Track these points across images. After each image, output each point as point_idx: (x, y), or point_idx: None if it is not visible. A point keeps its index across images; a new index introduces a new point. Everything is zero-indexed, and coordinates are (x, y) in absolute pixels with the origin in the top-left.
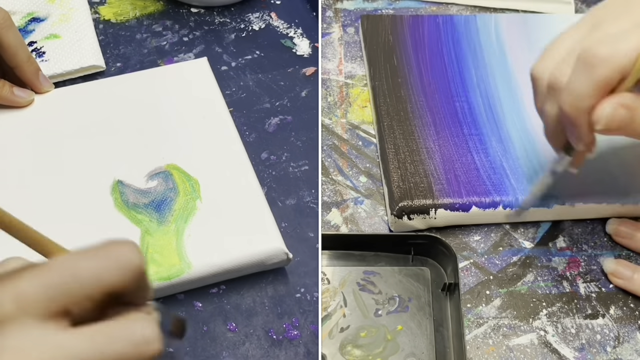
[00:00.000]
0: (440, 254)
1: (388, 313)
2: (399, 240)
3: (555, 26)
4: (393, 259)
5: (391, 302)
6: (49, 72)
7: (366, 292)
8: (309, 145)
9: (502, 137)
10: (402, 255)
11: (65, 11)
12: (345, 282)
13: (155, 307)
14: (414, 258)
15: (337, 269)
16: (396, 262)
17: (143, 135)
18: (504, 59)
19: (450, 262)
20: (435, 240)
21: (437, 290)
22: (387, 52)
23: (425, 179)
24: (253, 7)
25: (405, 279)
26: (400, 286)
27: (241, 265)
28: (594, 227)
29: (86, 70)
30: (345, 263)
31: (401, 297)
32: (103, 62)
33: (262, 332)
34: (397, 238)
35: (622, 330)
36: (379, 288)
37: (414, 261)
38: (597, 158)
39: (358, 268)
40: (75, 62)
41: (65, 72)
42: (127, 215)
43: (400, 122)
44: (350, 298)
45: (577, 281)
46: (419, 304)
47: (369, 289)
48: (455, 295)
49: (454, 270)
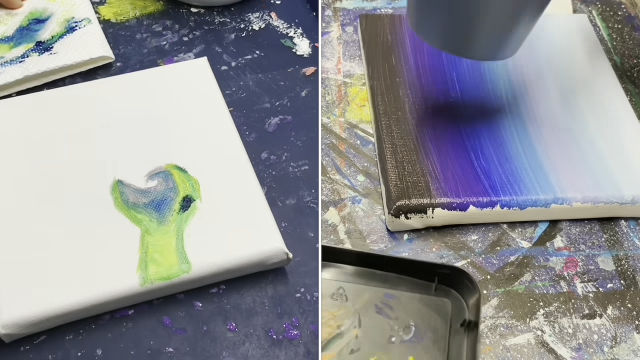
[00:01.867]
0: (464, 287)
1: (402, 341)
2: (424, 267)
3: (555, 26)
4: (415, 284)
5: (406, 331)
6: (58, 64)
7: (383, 315)
8: (308, 145)
9: (500, 136)
10: (425, 282)
11: (68, 8)
12: (364, 301)
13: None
14: (437, 287)
15: (357, 286)
16: (418, 288)
17: (143, 135)
18: None
19: (473, 297)
20: (461, 273)
21: (455, 325)
22: (386, 52)
23: (422, 178)
24: (253, 7)
25: (424, 308)
26: (419, 315)
27: (241, 265)
28: (592, 227)
29: (96, 61)
30: (366, 282)
31: (417, 327)
32: (112, 53)
33: (262, 332)
34: (423, 265)
35: (620, 330)
36: (396, 313)
37: (437, 290)
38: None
39: (379, 289)
40: (84, 54)
41: (75, 63)
42: (127, 215)
43: (398, 121)
44: (366, 319)
45: (575, 281)
46: (435, 337)
47: (386, 312)
48: (473, 334)
49: (476, 306)
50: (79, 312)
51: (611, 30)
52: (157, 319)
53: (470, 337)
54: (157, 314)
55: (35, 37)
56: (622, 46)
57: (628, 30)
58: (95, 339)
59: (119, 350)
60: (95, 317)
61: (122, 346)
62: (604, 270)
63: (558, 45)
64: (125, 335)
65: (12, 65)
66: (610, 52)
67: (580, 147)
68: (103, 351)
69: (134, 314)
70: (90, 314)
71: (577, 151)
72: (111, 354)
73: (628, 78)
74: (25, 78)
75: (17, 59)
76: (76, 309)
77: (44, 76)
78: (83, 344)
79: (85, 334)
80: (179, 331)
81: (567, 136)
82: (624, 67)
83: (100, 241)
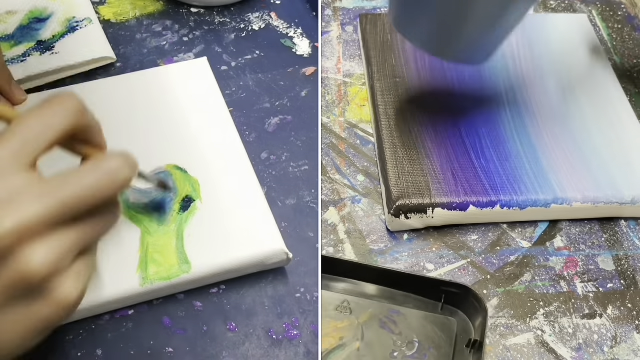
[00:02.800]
0: (471, 307)
1: (404, 357)
2: (432, 284)
3: (555, 26)
4: (422, 302)
5: (409, 347)
6: (60, 64)
7: (387, 330)
8: (308, 145)
9: (500, 136)
10: (432, 301)
11: (68, 7)
12: (368, 315)
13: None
14: (443, 306)
15: (362, 300)
16: (425, 306)
17: (143, 135)
18: (502, 58)
19: (479, 316)
20: (468, 292)
21: (461, 345)
22: (386, 51)
23: (422, 178)
24: (253, 7)
25: (429, 326)
26: (423, 332)
27: (241, 265)
28: (592, 227)
29: (97, 62)
30: (372, 297)
31: (421, 344)
32: (113, 53)
33: (262, 332)
34: (430, 281)
35: (620, 330)
36: (400, 329)
37: (443, 310)
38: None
39: (384, 305)
40: (86, 54)
41: (77, 63)
42: (127, 215)
43: (398, 121)
44: (369, 333)
45: (575, 281)
46: (438, 355)
47: (390, 327)
48: (478, 354)
49: (482, 326)
50: (79, 312)
51: (611, 30)
52: (157, 319)
53: (475, 357)
54: (157, 314)
55: (36, 36)
56: (622, 46)
57: (628, 30)
58: (95, 339)
59: (119, 351)
60: (95, 317)
61: (122, 346)
62: (604, 270)
63: (558, 45)
64: (125, 335)
65: (13, 64)
66: (610, 52)
67: (580, 147)
68: (103, 351)
69: (134, 314)
70: (90, 314)
71: (577, 151)
72: (111, 354)
73: (628, 78)
74: (27, 78)
75: (18, 58)
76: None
77: (46, 76)
78: (83, 344)
79: (85, 334)
80: (179, 331)
81: (567, 136)
82: (624, 67)
83: (100, 241)
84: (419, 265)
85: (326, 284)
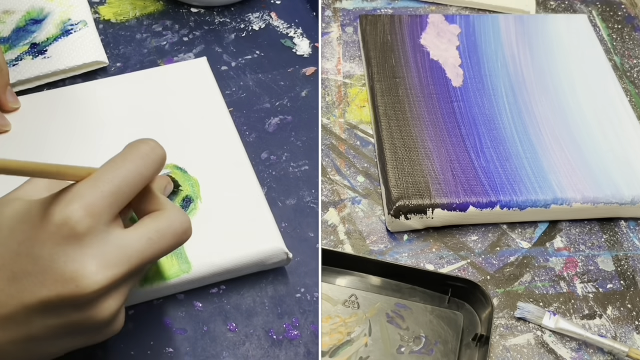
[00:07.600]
0: (477, 301)
1: (411, 352)
2: (438, 278)
3: (555, 26)
4: (429, 296)
5: (416, 342)
6: (51, 68)
7: (394, 325)
8: (308, 145)
9: (500, 137)
10: (438, 294)
11: (65, 9)
12: (375, 310)
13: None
14: (450, 300)
15: (369, 294)
16: (431, 300)
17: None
18: (502, 59)
19: (485, 311)
20: (475, 287)
21: (467, 339)
22: (386, 52)
23: (422, 178)
24: (253, 7)
25: (436, 320)
26: (430, 327)
27: (241, 265)
28: (592, 228)
29: (89, 66)
30: (379, 290)
31: (428, 339)
32: (106, 57)
33: (262, 332)
34: (437, 276)
35: (619, 330)
36: (407, 324)
37: (450, 303)
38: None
39: (391, 298)
40: (78, 58)
41: (68, 67)
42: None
43: (398, 121)
44: (376, 328)
45: (575, 281)
46: (444, 350)
47: (397, 322)
48: (484, 348)
49: (488, 320)
50: None
51: (611, 30)
52: (157, 319)
53: (481, 351)
54: (157, 314)
55: (30, 39)
56: (622, 46)
57: (628, 30)
58: None
59: (119, 351)
60: None
61: (122, 346)
62: (603, 270)
63: (558, 45)
64: (125, 335)
65: None
66: (610, 52)
67: (580, 147)
68: (103, 351)
69: (134, 314)
70: None
71: (577, 151)
72: (111, 354)
73: (628, 78)
74: (17, 82)
75: (10, 62)
76: None
77: (37, 80)
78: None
79: None
80: (179, 331)
81: (566, 136)
82: (624, 67)
83: None
84: (419, 265)
85: (333, 278)
